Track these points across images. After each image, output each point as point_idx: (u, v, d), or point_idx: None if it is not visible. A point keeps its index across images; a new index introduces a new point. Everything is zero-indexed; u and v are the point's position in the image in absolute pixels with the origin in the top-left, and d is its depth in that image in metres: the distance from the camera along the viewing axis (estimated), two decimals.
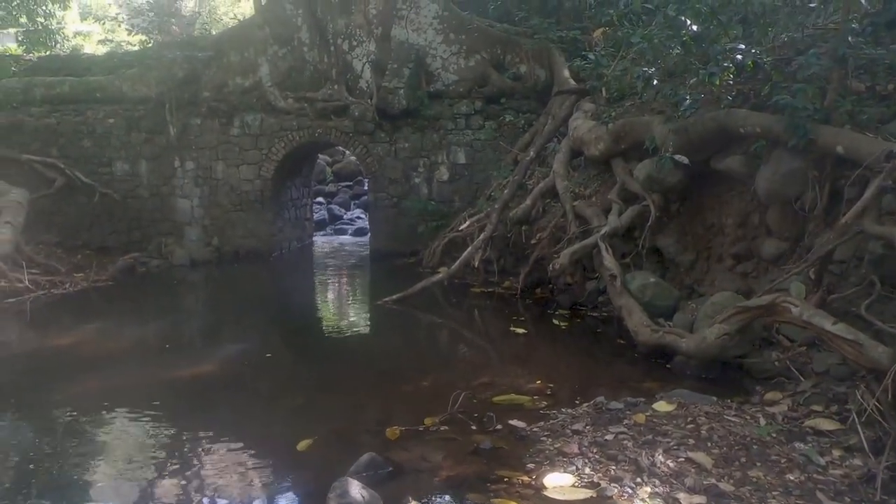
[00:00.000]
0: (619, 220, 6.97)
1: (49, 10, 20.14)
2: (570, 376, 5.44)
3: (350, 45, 11.47)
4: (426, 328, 7.58)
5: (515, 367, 5.67)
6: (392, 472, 3.66)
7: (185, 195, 11.62)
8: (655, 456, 3.73)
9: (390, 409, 4.75)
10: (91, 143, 11.64)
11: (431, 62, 11.35)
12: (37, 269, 9.15)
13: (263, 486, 3.66)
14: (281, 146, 11.39)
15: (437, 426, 4.31)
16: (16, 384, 5.66)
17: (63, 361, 6.25)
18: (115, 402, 5.07)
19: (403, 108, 10.90)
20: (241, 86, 11.57)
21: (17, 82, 11.96)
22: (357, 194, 17.37)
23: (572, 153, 8.77)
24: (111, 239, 11.52)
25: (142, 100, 11.53)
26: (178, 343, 7.07)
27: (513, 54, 11.21)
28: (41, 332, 7.37)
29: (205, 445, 4.24)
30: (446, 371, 5.69)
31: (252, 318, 8.18)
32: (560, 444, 3.98)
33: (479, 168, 11.08)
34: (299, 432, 4.23)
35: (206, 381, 5.65)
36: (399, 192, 11.29)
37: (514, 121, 10.74)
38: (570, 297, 7.73)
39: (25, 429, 4.73)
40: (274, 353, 6.46)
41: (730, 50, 5.69)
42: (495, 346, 6.64)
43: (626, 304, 5.98)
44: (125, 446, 4.33)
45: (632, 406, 4.55)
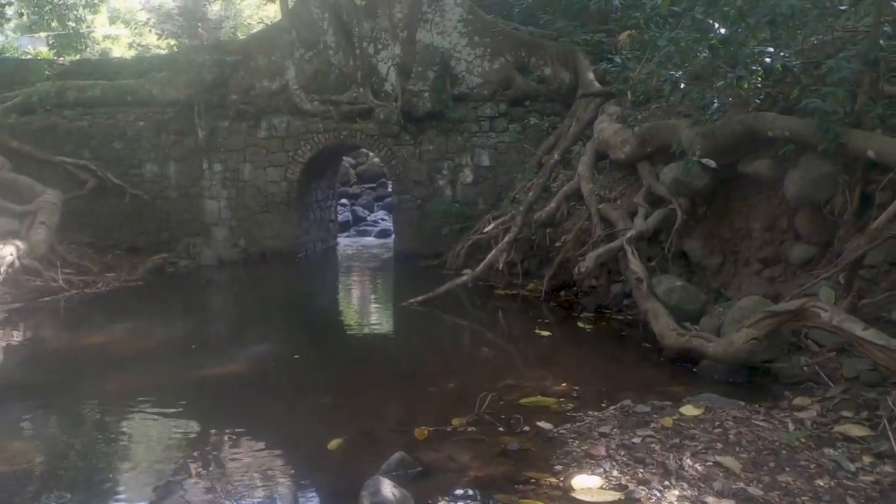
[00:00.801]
0: (645, 223, 6.96)
1: (80, 14, 20.58)
2: (596, 379, 5.45)
3: (375, 49, 11.57)
4: (451, 329, 7.63)
5: (541, 369, 5.69)
6: (421, 471, 3.71)
7: (212, 196, 11.81)
8: (683, 459, 3.74)
9: (417, 410, 4.80)
10: (122, 145, 11.87)
11: (456, 65, 11.42)
12: (70, 269, 9.37)
13: (295, 484, 3.74)
14: (307, 148, 11.52)
15: (464, 427, 4.35)
16: (49, 381, 5.79)
17: (95, 359, 6.40)
18: (144, 400, 5.19)
19: (428, 111, 10.97)
20: (268, 89, 11.73)
21: (51, 86, 12.24)
22: (381, 196, 17.48)
23: (597, 156, 8.76)
24: (141, 239, 11.73)
25: (171, 103, 11.74)
26: (206, 342, 7.20)
27: (537, 57, 11.23)
28: (74, 330, 7.55)
29: (235, 444, 4.33)
30: (472, 372, 5.73)
31: (278, 319, 8.30)
32: (587, 446, 4.00)
33: (502, 170, 11.11)
34: (328, 432, 4.30)
35: (234, 380, 5.75)
36: (423, 194, 11.36)
37: (538, 123, 10.76)
38: (595, 300, 7.73)
39: (56, 425, 4.86)
40: (300, 353, 6.56)
41: (758, 53, 5.66)
42: (520, 348, 6.66)
43: (652, 308, 5.97)
44: (154, 444, 4.43)
45: (658, 409, 4.55)
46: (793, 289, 5.61)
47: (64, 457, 4.18)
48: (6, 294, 8.25)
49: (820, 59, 5.79)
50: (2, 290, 8.22)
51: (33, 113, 12.04)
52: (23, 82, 12.67)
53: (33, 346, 7.16)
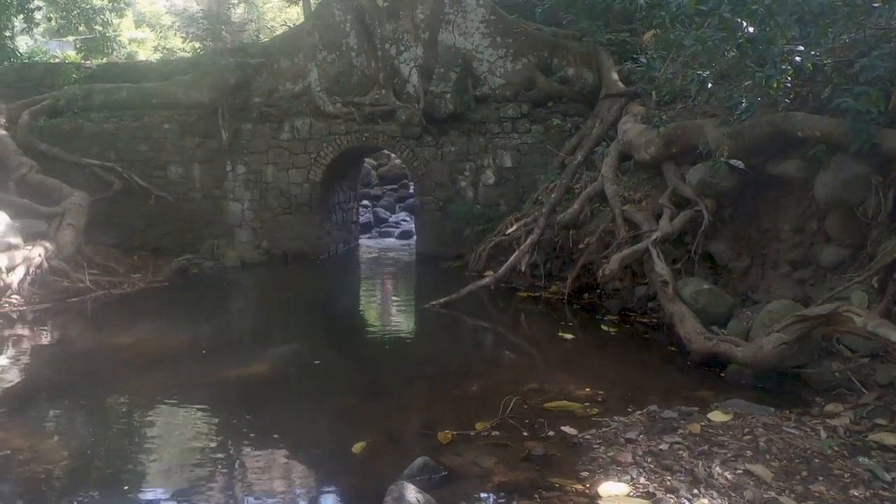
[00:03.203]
0: (670, 224, 6.86)
1: (107, 18, 20.90)
2: (621, 383, 5.37)
3: (397, 50, 11.58)
4: (473, 332, 7.60)
5: (564, 372, 5.63)
6: (445, 476, 3.68)
7: (236, 198, 11.89)
8: (712, 467, 3.67)
9: (440, 413, 4.77)
10: (147, 147, 12.01)
11: (478, 66, 11.38)
12: (97, 270, 9.48)
13: (319, 488, 3.73)
14: (329, 150, 11.56)
15: (488, 431, 4.32)
16: (78, 380, 5.85)
17: (122, 359, 6.44)
18: (171, 399, 5.23)
19: (450, 112, 10.94)
20: (290, 91, 11.79)
21: (78, 89, 12.42)
22: (402, 197, 17.49)
23: (621, 157, 8.68)
24: (165, 240, 11.85)
25: (195, 105, 11.85)
26: (230, 343, 7.25)
27: (560, 57, 11.15)
28: (102, 330, 7.63)
29: (259, 445, 4.33)
30: (495, 375, 5.69)
31: (301, 320, 8.33)
32: (613, 452, 3.95)
33: (525, 172, 11.05)
34: (351, 434, 4.29)
35: (258, 381, 5.77)
36: (445, 195, 11.33)
37: (561, 124, 10.68)
38: (619, 303, 7.65)
39: (85, 424, 4.91)
40: (323, 354, 6.57)
41: (788, 52, 5.55)
42: (543, 351, 6.61)
43: (678, 311, 5.88)
44: (179, 444, 4.44)
45: (686, 415, 4.48)
46: (823, 292, 5.50)
47: (93, 456, 4.22)
48: (35, 294, 8.37)
49: (851, 57, 5.66)
50: (30, 290, 8.35)
51: (61, 115, 12.23)
52: (51, 85, 12.89)
53: (62, 345, 7.26)
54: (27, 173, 10.87)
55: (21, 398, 5.49)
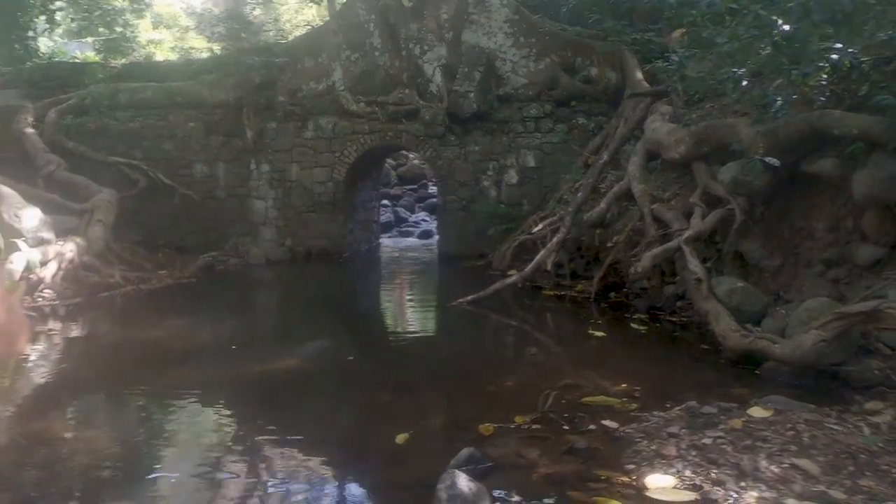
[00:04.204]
0: (702, 223, 6.85)
1: (127, 19, 21.12)
2: (656, 379, 5.37)
3: (421, 50, 11.62)
4: (502, 330, 7.61)
5: (598, 369, 5.63)
6: (491, 467, 3.70)
7: (260, 196, 11.98)
8: (758, 461, 3.66)
9: (478, 407, 4.78)
10: (172, 146, 12.12)
11: (501, 66, 11.41)
12: (125, 266, 9.58)
13: (366, 477, 3.76)
14: (353, 149, 11.62)
15: (528, 424, 4.33)
16: (109, 374, 5.92)
17: (153, 354, 6.51)
18: (207, 394, 5.27)
19: (473, 112, 10.98)
20: (314, 90, 11.86)
21: (104, 88, 12.56)
22: (421, 197, 17.55)
23: (648, 156, 8.67)
24: (190, 238, 11.94)
25: (220, 104, 11.94)
26: (260, 339, 7.32)
27: (584, 57, 11.16)
28: (132, 325, 7.70)
29: (300, 437, 4.36)
30: (529, 371, 5.71)
31: (329, 317, 8.38)
32: (656, 446, 3.95)
33: (548, 171, 11.06)
34: (392, 427, 4.31)
35: (292, 375, 5.80)
36: (468, 195, 11.36)
37: (585, 123, 10.68)
38: (647, 302, 7.64)
39: (118, 417, 4.96)
40: (354, 351, 6.61)
41: (824, 49, 5.53)
42: (575, 348, 6.61)
43: (712, 309, 5.87)
44: (221, 437, 4.48)
45: (725, 411, 4.47)
46: (859, 291, 5.47)
47: (132, 447, 4.27)
48: (66, 289, 8.48)
49: (889, 54, 5.64)
50: (62, 285, 8.45)
51: (87, 114, 12.36)
52: (76, 85, 13.03)
53: (93, 340, 7.34)
54: (55, 170, 11.02)
55: (58, 391, 5.57)
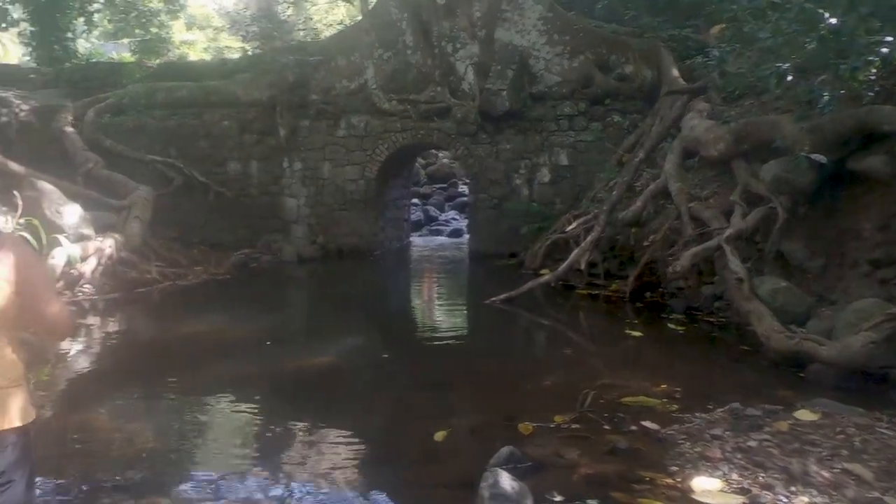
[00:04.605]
0: (743, 222, 6.70)
1: (161, 20, 21.46)
2: (696, 380, 5.28)
3: (453, 48, 11.59)
4: (536, 329, 7.55)
5: (637, 369, 5.55)
6: (531, 466, 3.65)
7: (292, 194, 12.07)
8: (808, 465, 3.55)
9: (516, 406, 4.73)
10: (207, 144, 12.27)
11: (534, 63, 11.32)
12: (161, 262, 9.71)
13: (407, 473, 3.74)
14: (384, 147, 11.64)
15: (567, 424, 4.27)
16: (147, 369, 5.99)
17: (190, 349, 6.57)
18: (245, 388, 5.30)
19: (506, 110, 10.93)
20: (347, 88, 11.91)
21: (141, 87, 12.76)
22: (451, 196, 17.54)
23: (685, 154, 8.52)
24: (224, 235, 12.06)
25: (254, 103, 12.06)
26: (295, 335, 7.35)
27: (618, 54, 11.02)
28: (169, 320, 7.81)
29: (339, 432, 4.35)
30: (566, 371, 5.65)
31: (362, 314, 8.40)
32: (700, 448, 3.86)
33: (581, 170, 10.96)
34: (430, 424, 4.28)
35: (328, 372, 5.80)
36: (500, 193, 11.30)
37: (620, 121, 10.55)
38: (684, 302, 7.51)
39: (156, 410, 4.99)
40: (388, 348, 6.60)
41: (874, 43, 5.37)
42: (611, 348, 6.52)
43: (754, 309, 5.74)
44: (256, 434, 4.47)
45: (771, 413, 4.36)
46: None
47: (172, 440, 4.31)
48: (105, 284, 8.61)
49: None
50: (101, 280, 8.59)
51: (125, 113, 12.56)
52: (114, 85, 13.26)
53: (131, 334, 7.45)
54: (93, 168, 11.21)
55: (97, 384, 5.66)
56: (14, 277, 2.02)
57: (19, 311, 2.07)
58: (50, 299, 2.14)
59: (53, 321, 2.14)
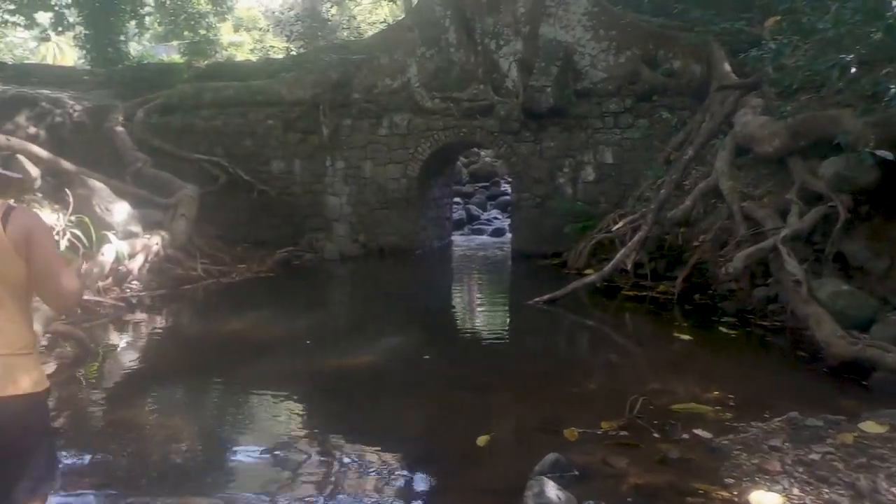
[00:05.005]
0: (800, 221, 6.40)
1: (209, 22, 21.87)
2: (750, 387, 5.03)
3: (497, 45, 11.45)
4: (580, 330, 7.38)
5: (686, 374, 5.33)
6: (577, 475, 3.51)
7: (334, 193, 12.09)
8: (877, 481, 3.33)
9: (561, 411, 4.59)
10: (252, 143, 12.38)
11: (579, 60, 11.10)
12: (206, 259, 9.83)
13: (448, 479, 3.64)
14: (427, 146, 11.57)
15: (615, 431, 4.12)
16: (191, 364, 6.05)
17: (232, 345, 6.61)
18: (286, 386, 5.28)
19: (550, 107, 10.73)
20: (389, 87, 11.87)
21: (189, 87, 12.96)
22: (493, 195, 17.38)
23: (737, 151, 8.21)
24: (267, 233, 12.16)
25: (298, 102, 12.11)
26: (336, 333, 7.33)
27: (666, 49, 10.72)
28: (213, 317, 7.89)
29: (380, 434, 4.28)
30: (613, 374, 5.49)
31: (403, 314, 8.32)
32: (758, 459, 3.66)
33: (627, 168, 10.70)
34: (470, 428, 4.18)
35: (368, 371, 5.74)
36: (543, 192, 11.12)
37: (668, 118, 10.25)
38: (735, 304, 7.23)
39: (199, 406, 5.03)
40: (429, 349, 6.49)
41: None
42: (660, 351, 6.30)
43: (813, 313, 5.46)
44: (297, 433, 4.43)
45: (833, 424, 4.12)
46: None
47: (204, 438, 4.30)
48: (152, 281, 8.75)
49: None
50: (148, 277, 8.73)
51: (173, 113, 12.77)
52: (163, 85, 13.49)
53: (177, 330, 7.55)
54: (142, 167, 11.42)
55: (143, 379, 5.73)
56: (25, 247, 2.08)
57: (30, 281, 2.13)
58: (59, 269, 2.18)
59: (61, 290, 2.18)
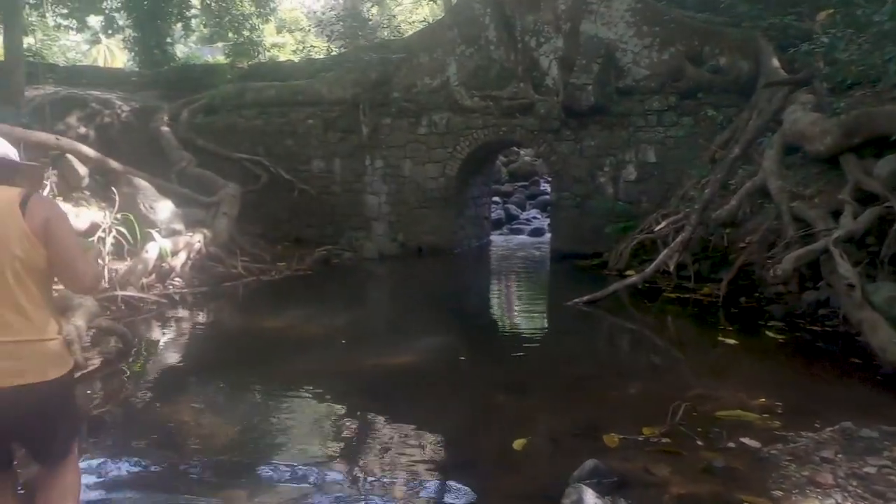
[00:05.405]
0: (854, 222, 6.14)
1: (254, 23, 22.24)
2: (799, 395, 4.83)
3: (537, 42, 11.33)
4: (621, 332, 7.23)
5: (731, 379, 5.16)
6: (617, 482, 3.40)
7: (373, 192, 12.14)
8: None
9: (598, 415, 4.48)
10: (293, 142, 12.53)
11: (621, 57, 10.90)
12: (246, 257, 9.97)
13: (483, 483, 3.57)
14: (465, 144, 11.51)
15: (657, 437, 3.99)
16: (230, 361, 6.11)
17: (271, 343, 6.66)
18: (322, 385, 5.28)
19: (591, 105, 10.57)
20: (429, 86, 11.86)
21: (232, 88, 13.19)
22: (533, 195, 17.24)
23: (786, 149, 7.94)
24: (307, 231, 12.30)
25: (338, 101, 12.21)
26: (373, 332, 7.33)
27: (712, 45, 10.44)
28: (253, 314, 7.96)
29: (413, 436, 4.23)
30: (653, 379, 5.33)
31: (440, 314, 8.28)
32: (809, 471, 3.50)
33: (670, 167, 10.46)
34: (506, 431, 4.10)
35: (405, 371, 5.70)
36: (583, 191, 10.96)
37: (713, 116, 9.98)
38: (784, 308, 6.98)
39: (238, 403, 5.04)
40: (466, 349, 6.45)
41: None
42: (703, 356, 6.12)
43: (868, 319, 5.22)
44: (334, 431, 4.42)
45: (890, 436, 3.91)
46: None
47: (243, 435, 4.30)
48: (194, 278, 8.90)
49: None
50: (190, 274, 8.88)
51: (216, 113, 13.03)
52: (207, 86, 13.78)
53: (217, 327, 7.65)
54: (186, 166, 11.67)
55: (185, 375, 5.80)
56: (44, 234, 2.16)
57: (50, 267, 2.22)
58: (77, 254, 2.27)
59: (80, 274, 2.27)
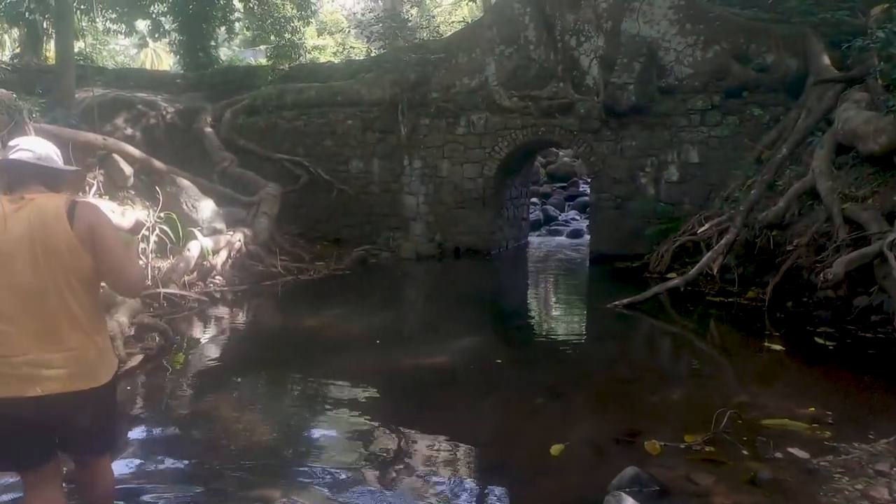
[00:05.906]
0: None
1: (294, 26, 22.53)
2: (851, 405, 4.65)
3: (577, 41, 11.19)
4: (662, 336, 7.08)
5: (778, 387, 5.01)
6: (658, 491, 3.31)
7: (411, 192, 12.15)
8: None
9: (640, 421, 4.37)
10: (332, 142, 12.63)
11: (664, 55, 10.69)
12: (286, 256, 10.07)
13: (520, 489, 3.51)
14: (504, 145, 11.44)
15: (700, 445, 3.87)
16: (269, 359, 6.20)
17: (309, 342, 6.73)
18: (358, 384, 5.31)
19: (632, 105, 10.38)
20: (467, 86, 11.81)
21: (273, 89, 13.35)
22: (571, 196, 17.06)
23: (837, 149, 7.67)
24: (345, 231, 12.38)
25: (377, 102, 12.25)
26: (410, 332, 7.36)
27: (758, 43, 10.17)
28: (291, 313, 8.05)
29: (449, 438, 4.20)
30: (696, 384, 5.20)
31: (476, 315, 8.24)
32: (862, 485, 3.35)
33: (713, 168, 10.20)
34: (544, 436, 4.03)
35: (440, 372, 5.67)
36: (623, 192, 10.78)
37: (759, 115, 9.71)
38: (833, 313, 6.73)
39: (277, 399, 5.09)
40: (502, 352, 6.38)
41: None
42: (748, 361, 5.94)
43: None
44: (369, 432, 4.40)
45: None
46: None
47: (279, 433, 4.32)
48: (234, 277, 9.03)
49: None
50: (231, 272, 9.01)
51: (257, 114, 13.20)
52: (249, 87, 13.98)
53: (257, 325, 7.75)
54: (228, 166, 11.86)
55: (224, 372, 5.87)
56: (90, 241, 2.21)
57: (96, 272, 2.27)
58: (124, 260, 2.30)
59: (126, 280, 2.32)
